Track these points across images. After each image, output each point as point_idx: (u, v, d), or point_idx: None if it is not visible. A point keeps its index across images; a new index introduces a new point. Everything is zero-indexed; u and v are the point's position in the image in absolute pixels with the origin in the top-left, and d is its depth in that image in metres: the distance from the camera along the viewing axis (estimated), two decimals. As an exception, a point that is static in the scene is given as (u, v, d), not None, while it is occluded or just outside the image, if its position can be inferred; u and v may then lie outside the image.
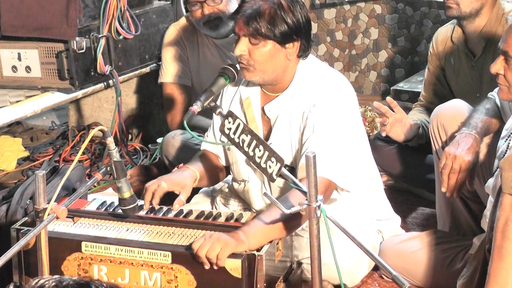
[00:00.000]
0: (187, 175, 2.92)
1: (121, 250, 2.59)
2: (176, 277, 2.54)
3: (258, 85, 2.93)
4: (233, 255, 2.48)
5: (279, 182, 2.91)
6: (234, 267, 2.49)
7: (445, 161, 2.91)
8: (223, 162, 3.10)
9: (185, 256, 2.53)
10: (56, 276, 1.54)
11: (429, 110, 3.53)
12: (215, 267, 2.49)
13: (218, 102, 2.73)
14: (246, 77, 2.84)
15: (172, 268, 2.55)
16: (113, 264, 2.60)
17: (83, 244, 2.63)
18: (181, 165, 3.02)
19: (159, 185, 2.83)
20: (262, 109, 2.95)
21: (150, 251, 2.56)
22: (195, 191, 3.18)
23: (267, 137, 2.92)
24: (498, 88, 2.83)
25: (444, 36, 3.67)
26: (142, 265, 2.57)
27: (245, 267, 2.49)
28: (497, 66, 2.74)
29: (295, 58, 2.84)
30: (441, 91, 3.72)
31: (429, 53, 3.75)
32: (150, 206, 2.83)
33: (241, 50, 2.78)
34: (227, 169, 3.13)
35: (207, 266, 2.49)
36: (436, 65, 3.71)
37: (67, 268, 2.64)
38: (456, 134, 2.98)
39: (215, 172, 3.10)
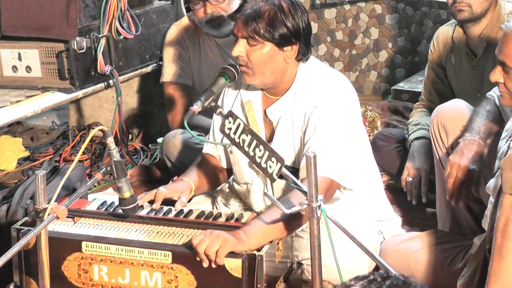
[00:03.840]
0: (183, 184, 2.95)
1: (122, 250, 2.59)
2: (177, 277, 2.54)
3: (258, 88, 2.93)
4: (234, 255, 2.48)
5: (282, 184, 2.91)
6: (235, 267, 2.48)
7: (449, 170, 2.90)
8: (223, 164, 3.10)
9: (186, 256, 2.53)
10: None
11: (431, 110, 3.51)
12: (214, 265, 2.48)
13: (219, 104, 2.73)
14: (246, 81, 2.83)
15: (172, 268, 2.54)
16: (113, 264, 2.60)
17: (84, 244, 2.63)
18: (175, 177, 3.04)
19: (159, 189, 2.85)
20: (264, 112, 2.94)
21: (150, 251, 2.56)
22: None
23: (269, 140, 2.91)
24: (499, 95, 2.81)
25: (445, 35, 3.66)
26: (142, 265, 2.57)
27: (246, 267, 2.48)
28: (496, 75, 2.71)
29: (293, 61, 2.83)
30: (442, 90, 3.71)
31: (429, 52, 3.75)
32: (150, 208, 2.84)
33: (238, 51, 2.78)
34: (228, 171, 3.13)
35: (205, 264, 2.48)
36: (437, 63, 3.71)
37: (67, 268, 2.64)
38: (459, 140, 2.97)
39: (215, 176, 3.11)
